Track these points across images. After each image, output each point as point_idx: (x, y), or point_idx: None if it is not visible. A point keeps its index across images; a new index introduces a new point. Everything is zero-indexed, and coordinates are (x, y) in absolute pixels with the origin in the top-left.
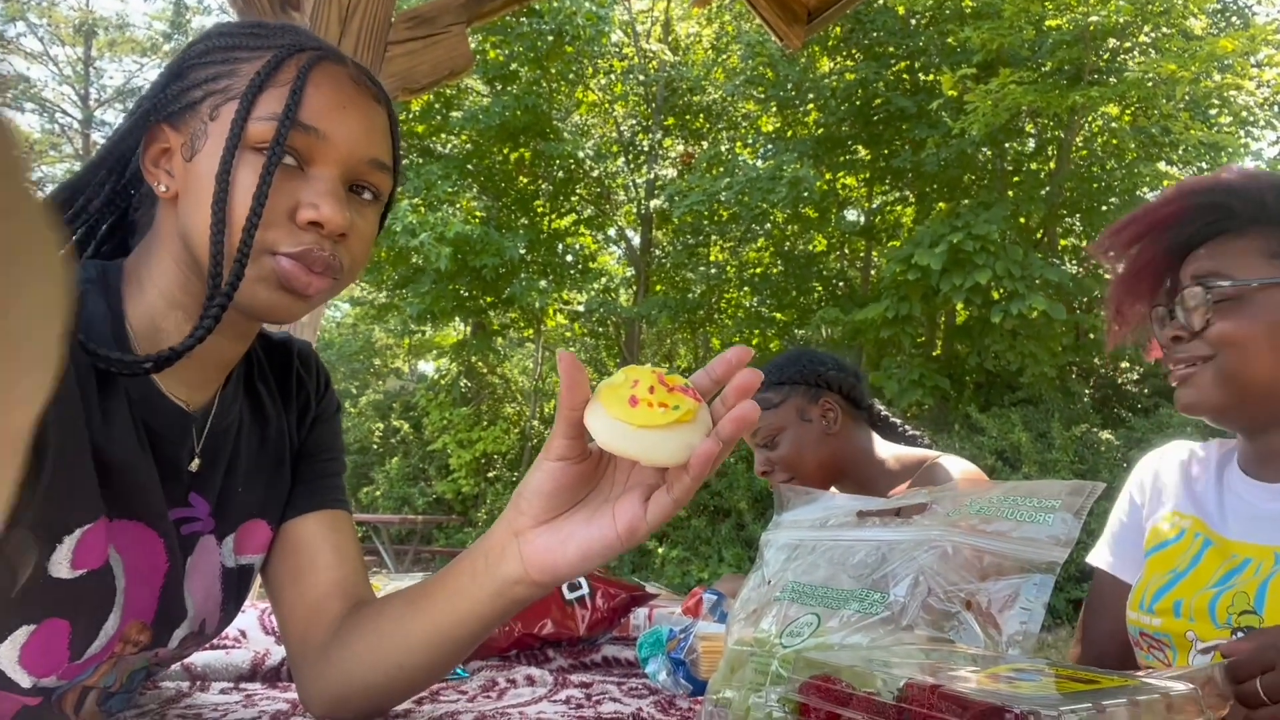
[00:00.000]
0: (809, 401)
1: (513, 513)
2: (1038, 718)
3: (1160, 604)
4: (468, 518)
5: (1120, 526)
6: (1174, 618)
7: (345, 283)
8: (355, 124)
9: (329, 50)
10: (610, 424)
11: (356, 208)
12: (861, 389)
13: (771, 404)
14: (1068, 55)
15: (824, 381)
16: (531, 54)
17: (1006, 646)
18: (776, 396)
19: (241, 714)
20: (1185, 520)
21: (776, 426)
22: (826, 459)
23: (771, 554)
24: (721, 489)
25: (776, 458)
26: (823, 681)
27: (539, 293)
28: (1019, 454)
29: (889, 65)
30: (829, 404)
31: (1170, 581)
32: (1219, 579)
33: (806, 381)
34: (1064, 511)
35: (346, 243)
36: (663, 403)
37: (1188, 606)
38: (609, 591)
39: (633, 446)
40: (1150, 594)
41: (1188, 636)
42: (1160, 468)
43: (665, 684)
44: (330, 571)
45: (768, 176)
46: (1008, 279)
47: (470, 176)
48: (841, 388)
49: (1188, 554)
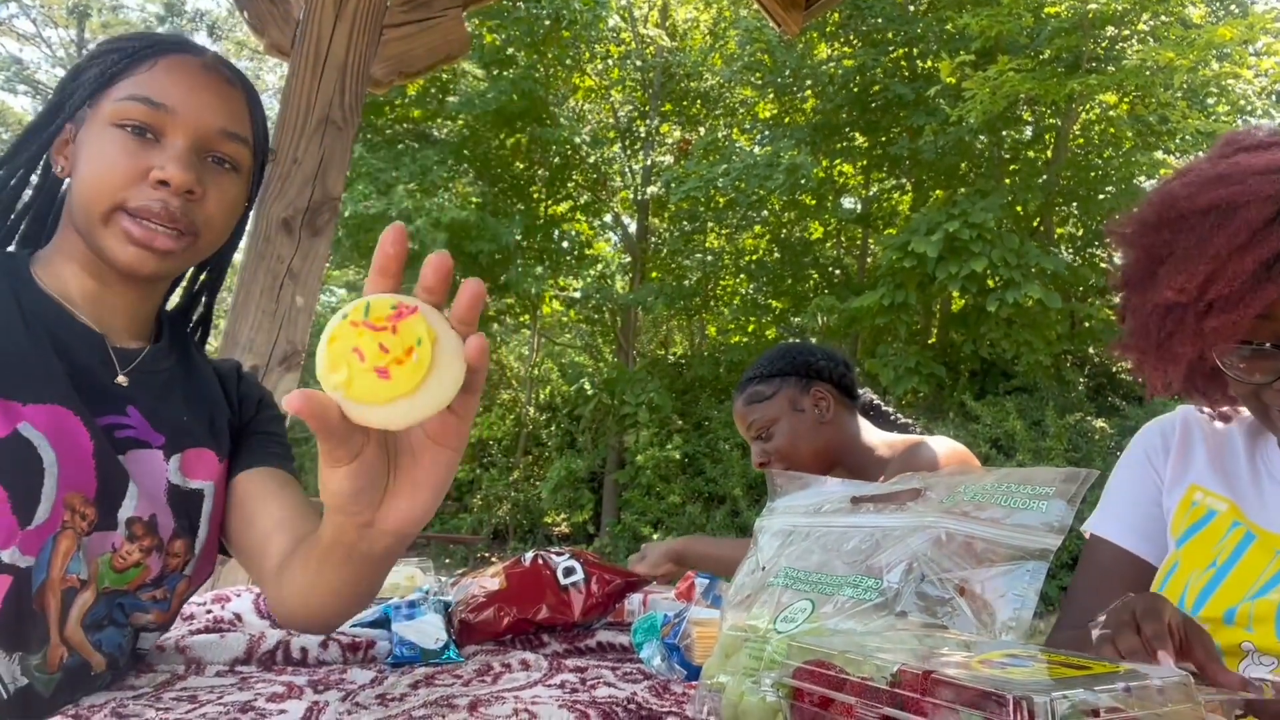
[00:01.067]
0: (801, 392)
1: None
2: (1030, 703)
3: (1207, 609)
4: (463, 503)
5: (1130, 494)
6: (1224, 625)
7: (206, 243)
8: (205, 101)
9: (189, 45)
10: (370, 411)
11: (213, 176)
12: (852, 378)
13: (764, 396)
14: (1066, 43)
15: (815, 371)
16: (528, 38)
17: (1000, 633)
18: (768, 389)
19: (237, 696)
20: (1218, 501)
21: (770, 418)
22: (821, 448)
23: (766, 540)
24: (716, 476)
25: (772, 449)
26: (816, 667)
27: (535, 279)
28: (1013, 442)
29: (887, 52)
30: (820, 393)
31: (1213, 579)
32: (1269, 580)
33: (797, 372)
34: (1057, 499)
35: (200, 202)
36: (398, 359)
37: (1245, 614)
38: (604, 577)
39: (401, 418)
40: (1194, 594)
41: (1243, 647)
42: (1177, 434)
43: (659, 669)
44: (273, 513)
45: (765, 163)
46: (1004, 267)
47: (466, 162)
48: (832, 377)
49: (1226, 544)
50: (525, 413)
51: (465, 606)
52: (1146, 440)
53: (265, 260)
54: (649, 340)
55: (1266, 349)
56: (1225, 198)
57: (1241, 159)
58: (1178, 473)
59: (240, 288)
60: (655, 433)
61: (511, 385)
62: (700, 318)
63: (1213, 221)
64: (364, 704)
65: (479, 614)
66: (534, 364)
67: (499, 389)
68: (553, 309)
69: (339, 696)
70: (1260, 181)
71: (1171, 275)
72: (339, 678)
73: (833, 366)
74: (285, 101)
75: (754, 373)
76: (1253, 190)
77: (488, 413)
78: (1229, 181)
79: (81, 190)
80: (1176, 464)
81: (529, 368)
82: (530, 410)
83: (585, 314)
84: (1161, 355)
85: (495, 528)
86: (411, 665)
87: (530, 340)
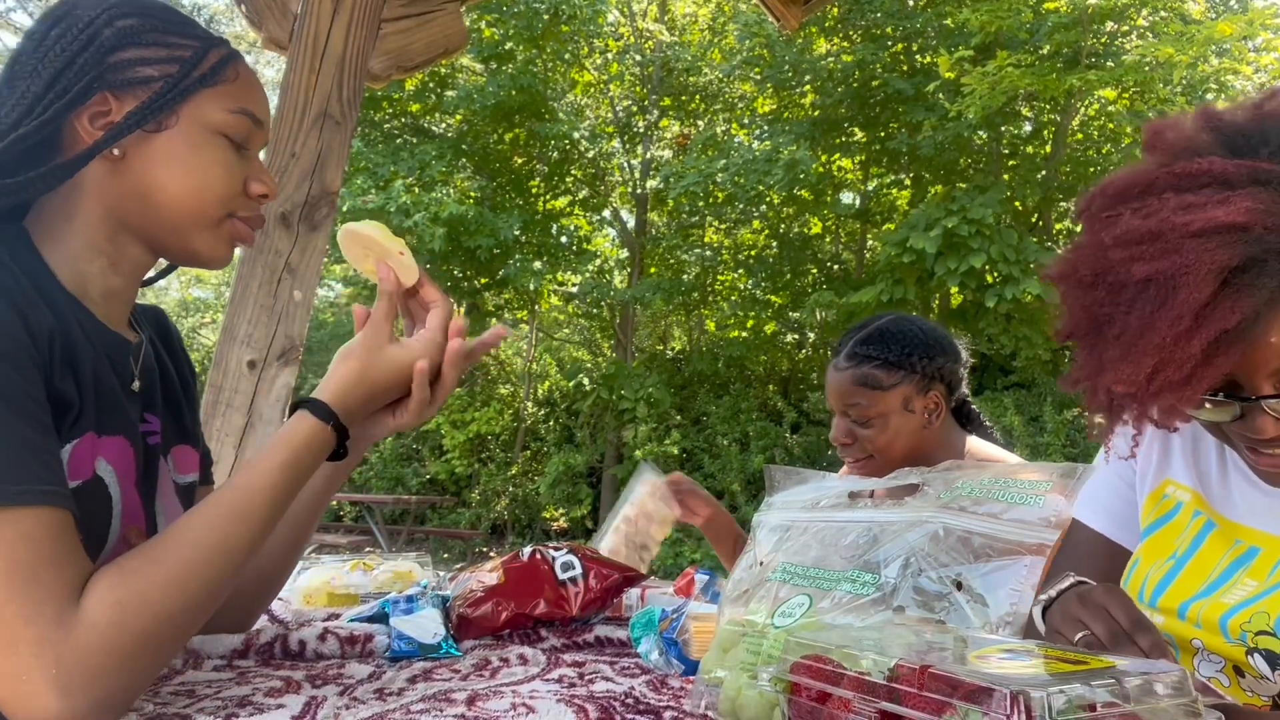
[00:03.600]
0: (918, 393)
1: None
2: (1027, 698)
3: (1164, 600)
4: (461, 498)
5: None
6: (1178, 619)
7: None
8: (268, 111)
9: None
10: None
11: None
12: (962, 376)
13: (880, 385)
14: (1065, 38)
15: (939, 374)
16: (527, 33)
17: (997, 627)
18: (888, 379)
19: (235, 691)
20: (1183, 492)
21: (878, 411)
22: (914, 450)
23: (763, 535)
24: (715, 471)
25: (865, 437)
26: (814, 661)
27: (533, 274)
28: (1011, 437)
29: (886, 47)
30: (936, 398)
31: (1171, 570)
32: (1225, 570)
33: (922, 371)
34: (1055, 494)
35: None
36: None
37: (1195, 613)
38: (602, 572)
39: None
40: (1151, 586)
41: (1193, 644)
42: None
43: (657, 664)
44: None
45: (764, 158)
46: (1002, 263)
47: (465, 156)
48: (951, 381)
49: (1187, 535)
50: (523, 408)
51: (463, 601)
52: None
53: (263, 255)
54: (647, 335)
55: (1220, 399)
56: (1164, 270)
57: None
58: (1155, 465)
59: (238, 282)
60: (654, 428)
61: (510, 380)
62: (699, 313)
63: (1153, 301)
64: (362, 699)
65: (477, 609)
66: (532, 359)
67: (497, 384)
68: (551, 304)
69: (337, 691)
70: (1198, 250)
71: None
72: (337, 672)
73: (954, 369)
74: (283, 96)
75: (875, 351)
76: (1191, 263)
77: (486, 408)
78: (1165, 247)
79: (183, 196)
80: (1153, 455)
81: (527, 363)
82: (528, 405)
83: (584, 309)
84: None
85: (493, 523)
86: (409, 660)
87: (528, 335)
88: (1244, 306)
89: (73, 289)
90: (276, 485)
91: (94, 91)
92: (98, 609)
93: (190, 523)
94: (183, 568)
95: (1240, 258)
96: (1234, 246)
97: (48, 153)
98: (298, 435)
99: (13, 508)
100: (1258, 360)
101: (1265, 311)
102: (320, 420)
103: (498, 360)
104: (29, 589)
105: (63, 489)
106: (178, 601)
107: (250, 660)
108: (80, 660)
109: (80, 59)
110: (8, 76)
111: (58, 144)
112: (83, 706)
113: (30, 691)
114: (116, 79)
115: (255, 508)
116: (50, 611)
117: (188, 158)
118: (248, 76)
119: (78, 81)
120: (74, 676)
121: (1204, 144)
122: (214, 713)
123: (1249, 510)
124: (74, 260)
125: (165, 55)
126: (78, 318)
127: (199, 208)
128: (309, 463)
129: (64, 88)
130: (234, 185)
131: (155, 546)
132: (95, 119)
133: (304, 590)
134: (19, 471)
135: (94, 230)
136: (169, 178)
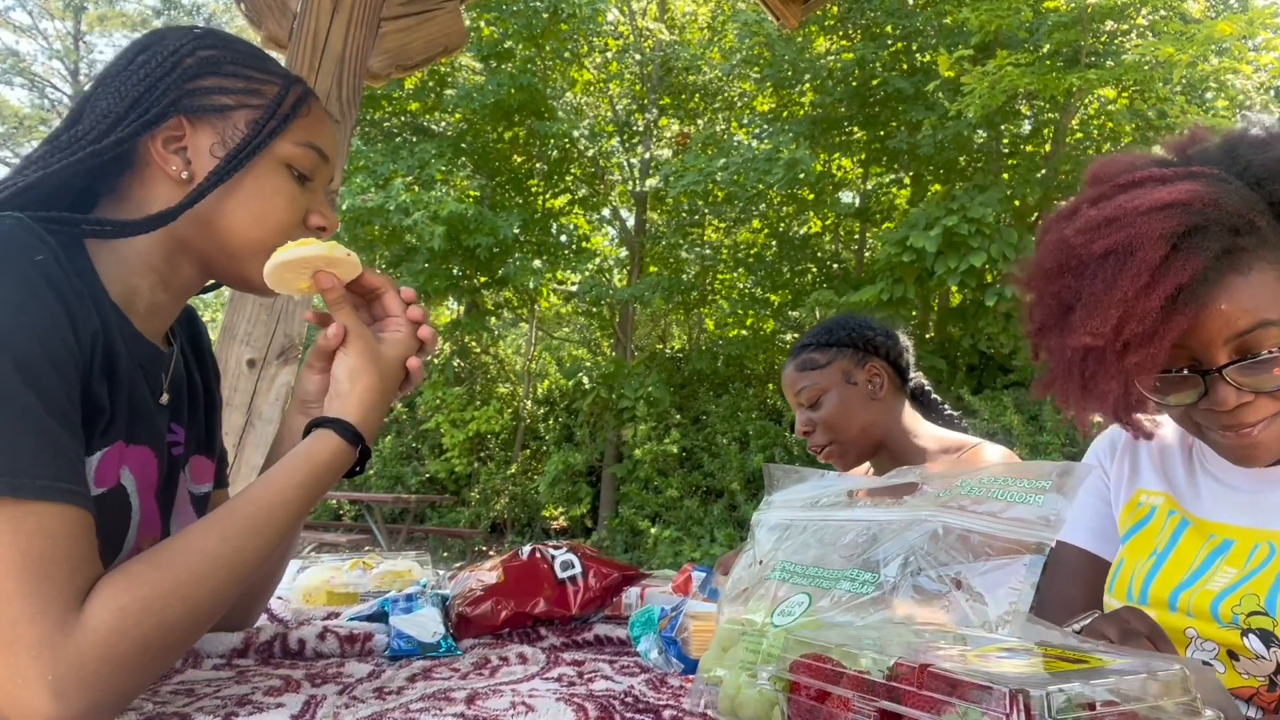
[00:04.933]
0: (855, 365)
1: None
2: (1026, 697)
3: (1153, 592)
4: (460, 497)
5: (1087, 500)
6: (1169, 611)
7: None
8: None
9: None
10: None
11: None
12: (908, 359)
13: (817, 365)
14: (1065, 37)
15: (872, 346)
16: (526, 31)
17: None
18: (823, 358)
19: (234, 690)
20: (1155, 497)
21: (821, 387)
22: (868, 425)
23: (763, 534)
24: (714, 470)
25: (819, 418)
26: (813, 660)
27: (533, 273)
28: (1010, 436)
29: (886, 46)
30: (875, 369)
31: (1154, 565)
32: (1203, 561)
33: (854, 345)
34: (1054, 493)
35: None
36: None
37: (1185, 602)
38: (601, 571)
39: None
40: (1139, 581)
41: (1186, 633)
42: (1123, 440)
43: (657, 662)
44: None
45: (763, 157)
46: (1002, 262)
47: (464, 155)
48: (889, 355)
49: (1165, 533)
50: (523, 407)
51: (463, 600)
52: (1099, 448)
53: None
54: (647, 334)
55: (1185, 374)
56: (1121, 241)
57: (1123, 200)
58: (1125, 478)
59: None
60: (653, 427)
61: (509, 379)
62: (698, 312)
63: (1113, 266)
64: (361, 697)
65: (476, 607)
66: (532, 358)
67: (496, 383)
68: (550, 303)
69: (336, 690)
70: (1148, 221)
71: (1085, 320)
72: (336, 671)
73: (891, 344)
74: None
75: (810, 339)
76: (1143, 231)
77: (485, 406)
78: (1119, 225)
79: (245, 223)
80: (1125, 470)
81: (527, 362)
82: (528, 404)
83: (583, 308)
84: (1087, 393)
85: (493, 521)
86: (409, 659)
87: (528, 334)
88: (1194, 264)
89: (119, 299)
90: (293, 503)
91: (170, 115)
92: (100, 614)
93: (202, 531)
94: (189, 577)
95: (1185, 225)
96: (1178, 216)
97: (119, 169)
98: (322, 455)
99: (35, 501)
100: (1212, 328)
101: (1213, 274)
102: (347, 443)
103: (497, 359)
104: (39, 586)
105: (86, 491)
106: (180, 611)
107: (250, 659)
108: (78, 665)
109: (162, 83)
110: (93, 94)
111: (130, 162)
112: (76, 711)
113: (25, 694)
114: (193, 104)
115: (270, 523)
116: (54, 613)
117: (253, 186)
118: (319, 113)
119: (157, 104)
120: (70, 681)
121: (1141, 163)
122: (213, 712)
123: (1217, 507)
124: (126, 273)
125: (243, 86)
126: (119, 326)
127: (260, 236)
128: (328, 482)
129: (144, 109)
130: (295, 216)
131: (163, 552)
132: (169, 143)
133: (303, 589)
134: (47, 466)
135: (152, 247)
136: (234, 204)
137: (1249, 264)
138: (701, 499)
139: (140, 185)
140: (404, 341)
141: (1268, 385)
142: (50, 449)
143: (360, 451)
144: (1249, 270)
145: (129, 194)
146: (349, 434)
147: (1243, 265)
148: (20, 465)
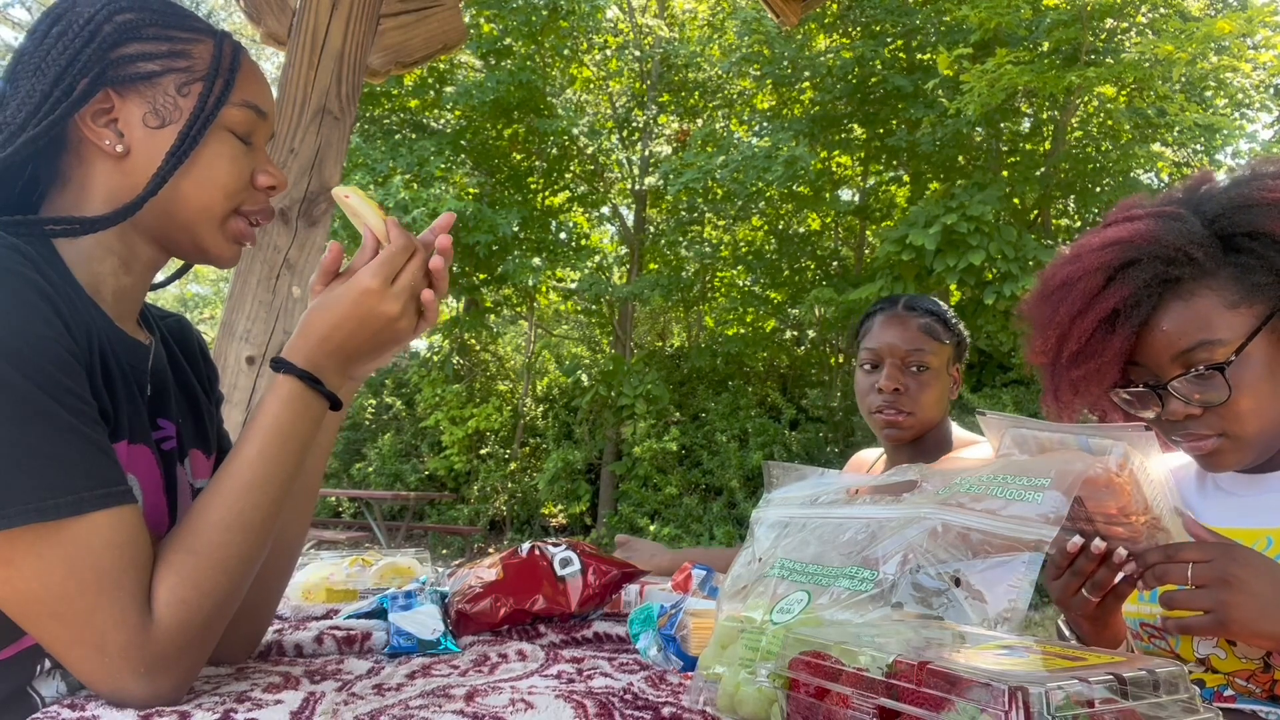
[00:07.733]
0: (955, 360)
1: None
2: (1025, 694)
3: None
4: (460, 494)
5: None
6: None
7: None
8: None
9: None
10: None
11: None
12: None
13: (939, 337)
14: (1065, 35)
15: (964, 350)
16: (526, 28)
17: (995, 624)
18: (946, 337)
19: (233, 686)
20: None
21: (936, 363)
22: (934, 420)
23: (762, 531)
24: (713, 468)
25: (914, 389)
26: (812, 657)
27: (532, 270)
28: None
29: (885, 43)
30: (958, 374)
31: None
32: None
33: (960, 343)
34: (1053, 490)
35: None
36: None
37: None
38: (601, 568)
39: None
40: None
41: None
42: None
43: (656, 659)
44: None
45: (763, 155)
46: (1001, 260)
47: (463, 152)
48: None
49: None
50: (522, 404)
51: (462, 597)
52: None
53: (262, 250)
54: (646, 331)
55: (1141, 389)
56: (1071, 274)
57: (1088, 237)
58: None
59: (236, 278)
60: (652, 424)
61: (508, 377)
62: (698, 309)
63: (1060, 295)
64: (361, 694)
65: (476, 604)
66: (531, 355)
67: (496, 380)
68: (550, 300)
69: (335, 687)
70: (1093, 256)
71: (1035, 340)
72: (336, 668)
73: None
74: (282, 91)
75: (934, 308)
76: (1087, 265)
77: (484, 404)
78: (1074, 260)
79: (196, 193)
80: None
81: (526, 359)
82: (527, 402)
83: (582, 305)
84: (1060, 406)
85: (492, 519)
86: (408, 656)
87: (527, 332)
88: (1124, 291)
89: (88, 289)
90: (270, 447)
91: (97, 89)
92: (168, 613)
93: (205, 505)
94: (220, 550)
95: (1121, 259)
96: (1116, 251)
97: (55, 151)
98: (280, 398)
99: (95, 512)
100: (1158, 347)
101: (1147, 299)
102: (304, 384)
103: (497, 356)
104: (116, 596)
105: (127, 484)
106: (225, 582)
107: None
108: (161, 656)
109: (82, 56)
110: (11, 75)
111: (64, 141)
112: (167, 689)
113: (124, 684)
114: (118, 75)
115: (263, 474)
116: (134, 618)
117: (201, 157)
118: (250, 68)
119: (80, 79)
120: (158, 670)
121: (1137, 204)
122: (212, 708)
123: (1223, 515)
124: (87, 260)
125: (167, 50)
126: (101, 323)
127: (206, 202)
128: (288, 418)
129: (69, 86)
130: (240, 178)
131: (187, 538)
132: (98, 116)
133: (303, 586)
134: (100, 474)
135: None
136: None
137: (1190, 290)
138: (700, 496)
139: (79, 165)
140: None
141: (1215, 399)
142: (93, 455)
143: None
144: (1190, 296)
145: (71, 176)
146: (305, 376)
147: (1184, 291)
148: (75, 481)
